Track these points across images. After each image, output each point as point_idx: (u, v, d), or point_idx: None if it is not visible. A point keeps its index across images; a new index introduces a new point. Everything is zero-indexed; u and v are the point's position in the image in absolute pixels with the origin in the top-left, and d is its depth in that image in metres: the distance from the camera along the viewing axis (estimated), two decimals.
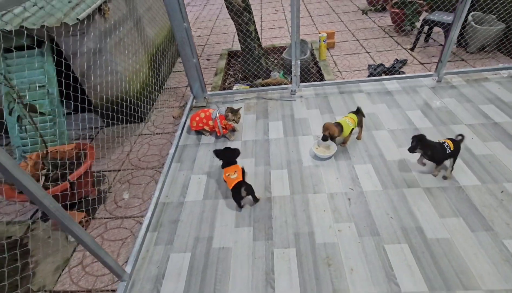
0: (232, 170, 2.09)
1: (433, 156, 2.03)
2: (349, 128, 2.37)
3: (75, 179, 2.17)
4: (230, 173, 2.07)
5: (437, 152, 2.00)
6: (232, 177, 2.04)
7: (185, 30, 2.81)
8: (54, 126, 2.75)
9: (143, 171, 2.75)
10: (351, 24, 5.47)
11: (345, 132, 2.37)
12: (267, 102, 3.22)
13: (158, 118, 3.51)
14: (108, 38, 2.90)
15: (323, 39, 3.91)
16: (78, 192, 2.30)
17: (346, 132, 2.38)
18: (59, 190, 2.08)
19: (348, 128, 2.37)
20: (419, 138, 2.01)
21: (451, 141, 2.01)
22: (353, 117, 2.43)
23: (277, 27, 5.86)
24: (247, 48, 3.60)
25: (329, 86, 3.31)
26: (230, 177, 2.05)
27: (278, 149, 2.57)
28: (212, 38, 5.74)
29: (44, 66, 2.71)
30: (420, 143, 2.00)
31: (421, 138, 2.01)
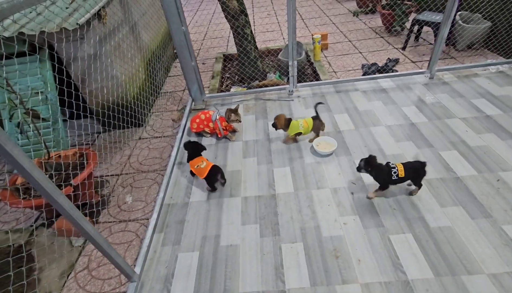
0: (199, 161, 2.23)
1: (377, 177, 1.95)
2: (295, 130, 2.47)
3: (78, 182, 2.16)
4: (198, 164, 2.21)
5: (381, 175, 1.91)
6: (202, 166, 2.18)
7: (183, 34, 2.84)
8: (54, 132, 2.73)
9: (145, 174, 2.75)
10: (343, 26, 5.60)
11: (290, 131, 2.50)
12: (266, 103, 3.27)
13: (157, 122, 3.51)
14: (106, 43, 2.90)
15: (318, 40, 4.00)
16: (81, 196, 2.29)
17: (290, 132, 2.51)
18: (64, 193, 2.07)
19: (294, 129, 2.47)
20: (367, 159, 1.94)
21: (403, 169, 1.85)
22: (308, 122, 2.48)
23: (270, 30, 5.95)
24: (244, 50, 3.65)
25: (326, 85, 3.38)
26: (200, 167, 2.19)
27: (279, 147, 2.61)
28: (206, 43, 5.79)
29: (43, 72, 2.70)
30: (366, 165, 1.94)
31: (368, 160, 1.93)
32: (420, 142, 2.43)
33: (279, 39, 5.46)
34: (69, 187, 2.12)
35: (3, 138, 0.94)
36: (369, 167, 1.94)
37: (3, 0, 0.99)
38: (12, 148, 0.98)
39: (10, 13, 0.99)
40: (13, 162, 1.00)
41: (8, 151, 0.96)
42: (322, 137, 2.54)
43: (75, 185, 2.13)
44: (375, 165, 1.93)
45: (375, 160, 1.94)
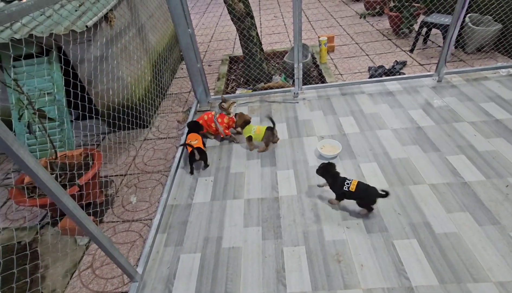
0: (193, 138, 2.50)
1: (331, 186, 1.99)
2: (247, 132, 2.57)
3: (83, 182, 2.19)
4: (191, 140, 2.47)
5: (335, 184, 1.95)
6: (192, 143, 2.43)
7: (189, 36, 2.86)
8: (61, 132, 2.78)
9: (149, 175, 2.77)
10: (350, 28, 5.57)
11: (244, 132, 2.61)
12: (271, 105, 3.27)
13: (162, 123, 3.54)
14: (113, 45, 2.95)
15: (324, 43, 3.98)
16: (86, 196, 2.32)
17: (244, 133, 2.62)
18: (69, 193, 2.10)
19: (247, 132, 2.57)
20: (326, 165, 2.00)
21: (356, 184, 1.85)
22: (261, 130, 2.53)
23: (276, 32, 5.96)
24: (249, 52, 3.66)
25: (331, 88, 3.36)
26: (191, 142, 2.43)
27: (284, 150, 2.60)
28: (212, 45, 5.83)
29: (51, 74, 2.76)
30: (323, 171, 2.01)
31: (325, 167, 2.00)
32: (427, 146, 2.39)
33: (285, 42, 5.46)
34: (74, 187, 2.15)
35: (10, 139, 0.96)
36: (326, 174, 2.00)
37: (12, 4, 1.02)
38: (18, 148, 1.00)
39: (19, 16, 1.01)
40: (19, 161, 1.02)
41: (14, 150, 0.99)
42: (327, 140, 2.53)
43: (80, 184, 2.16)
44: (332, 173, 1.99)
45: (333, 167, 2.00)
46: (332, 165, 2.02)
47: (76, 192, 2.14)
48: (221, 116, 2.73)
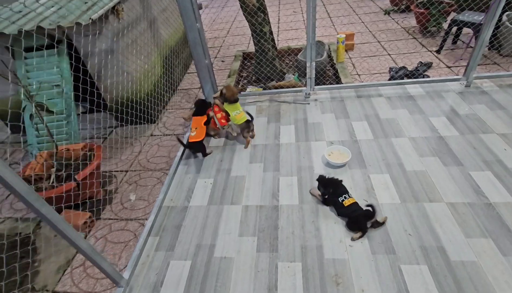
0: (197, 123, 2.46)
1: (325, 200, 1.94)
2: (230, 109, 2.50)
3: (81, 178, 2.16)
4: (192, 128, 2.46)
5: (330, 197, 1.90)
6: (191, 134, 2.42)
7: (197, 31, 2.76)
8: (68, 125, 2.78)
9: (151, 173, 2.72)
10: (372, 25, 5.25)
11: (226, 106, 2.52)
12: (280, 105, 3.11)
13: (169, 119, 3.49)
14: (121, 39, 2.90)
15: (341, 40, 3.75)
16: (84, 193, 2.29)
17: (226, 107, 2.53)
18: (64, 189, 2.08)
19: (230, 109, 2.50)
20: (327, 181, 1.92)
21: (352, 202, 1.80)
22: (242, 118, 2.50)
23: (294, 28, 5.74)
24: (261, 49, 3.51)
25: (346, 89, 3.15)
26: (191, 133, 2.43)
27: (289, 154, 2.45)
28: (228, 40, 5.72)
29: (59, 66, 2.76)
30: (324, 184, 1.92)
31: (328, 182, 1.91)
32: (448, 159, 2.15)
33: (303, 38, 5.24)
34: (70, 183, 2.13)
35: None
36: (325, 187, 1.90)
37: None
38: None
39: None
40: None
41: None
42: (336, 146, 2.35)
43: (78, 180, 2.13)
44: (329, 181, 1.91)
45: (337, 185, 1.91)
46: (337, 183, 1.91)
47: (73, 187, 2.11)
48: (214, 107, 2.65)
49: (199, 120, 2.53)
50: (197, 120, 2.54)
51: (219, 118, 2.63)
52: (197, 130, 2.46)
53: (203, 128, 2.48)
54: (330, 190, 1.88)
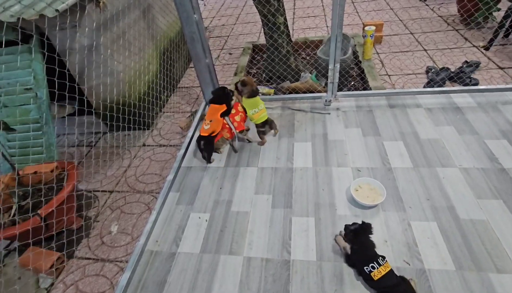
0: (210, 116, 2.07)
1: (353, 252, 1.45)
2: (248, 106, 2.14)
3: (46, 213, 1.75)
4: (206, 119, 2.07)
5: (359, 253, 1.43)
6: (205, 127, 2.04)
7: (195, 24, 2.24)
8: (42, 136, 2.37)
9: (139, 196, 2.30)
10: (404, 13, 4.54)
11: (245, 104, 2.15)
12: (294, 114, 2.60)
13: (166, 125, 3.03)
14: (106, 32, 2.42)
15: (370, 34, 3.14)
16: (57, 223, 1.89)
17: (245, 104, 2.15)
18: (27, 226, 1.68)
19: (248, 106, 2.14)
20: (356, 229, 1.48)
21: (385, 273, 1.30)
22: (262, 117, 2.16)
23: (312, 15, 5.08)
24: (274, 44, 2.96)
25: (375, 97, 2.59)
26: (204, 125, 2.06)
27: (304, 184, 1.97)
28: (237, 28, 5.13)
29: (31, 65, 2.31)
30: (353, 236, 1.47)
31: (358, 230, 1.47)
32: None
33: (322, 28, 4.60)
34: (35, 218, 1.72)
35: None
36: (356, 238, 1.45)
37: None
38: None
39: None
40: None
41: None
42: (365, 178, 1.84)
43: (41, 216, 1.72)
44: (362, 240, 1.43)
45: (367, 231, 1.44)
46: (368, 228, 1.41)
47: (37, 224, 1.71)
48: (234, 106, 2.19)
49: (216, 110, 2.08)
50: (214, 109, 2.10)
51: (239, 121, 2.16)
52: (211, 124, 2.03)
53: (219, 122, 2.06)
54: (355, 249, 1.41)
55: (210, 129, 2.04)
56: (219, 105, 2.12)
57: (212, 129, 2.05)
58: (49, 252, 1.82)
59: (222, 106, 2.10)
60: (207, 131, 2.04)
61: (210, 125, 2.05)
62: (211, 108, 2.11)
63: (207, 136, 2.05)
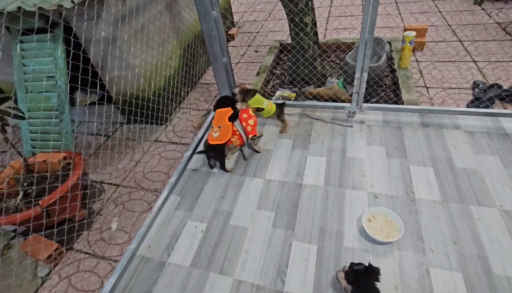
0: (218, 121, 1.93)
1: None
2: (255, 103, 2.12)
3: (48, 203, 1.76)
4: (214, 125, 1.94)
5: None
6: (214, 135, 1.90)
7: (213, 21, 2.12)
8: (60, 124, 2.42)
9: (143, 193, 2.26)
10: (453, 16, 4.06)
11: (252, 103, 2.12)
12: (313, 124, 2.40)
13: (181, 122, 2.98)
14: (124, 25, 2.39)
15: (409, 40, 2.81)
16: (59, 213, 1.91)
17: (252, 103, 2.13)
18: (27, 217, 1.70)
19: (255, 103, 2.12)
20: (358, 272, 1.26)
21: None
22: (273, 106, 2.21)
23: (349, 15, 4.74)
24: (299, 45, 2.75)
25: (407, 112, 2.30)
26: (212, 132, 1.92)
27: (312, 204, 1.78)
28: (267, 25, 4.95)
29: (54, 54, 2.35)
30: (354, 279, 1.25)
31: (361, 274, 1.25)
32: None
33: (357, 28, 4.27)
34: (35, 208, 1.74)
35: None
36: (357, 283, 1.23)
37: None
38: None
39: None
40: None
41: None
42: (382, 208, 1.62)
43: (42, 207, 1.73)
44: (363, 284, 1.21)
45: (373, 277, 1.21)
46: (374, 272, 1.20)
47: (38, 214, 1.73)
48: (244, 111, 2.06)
49: (223, 114, 1.94)
50: (221, 114, 1.95)
51: (253, 125, 2.04)
52: (220, 130, 1.90)
53: (228, 127, 1.92)
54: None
55: (220, 137, 1.90)
56: (225, 108, 1.98)
57: (222, 136, 1.91)
58: (49, 242, 1.84)
59: (228, 110, 1.96)
60: (216, 140, 1.90)
61: (220, 132, 1.91)
62: (218, 114, 1.98)
63: (217, 145, 1.91)
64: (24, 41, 2.43)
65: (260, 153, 2.18)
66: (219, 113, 1.97)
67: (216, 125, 1.93)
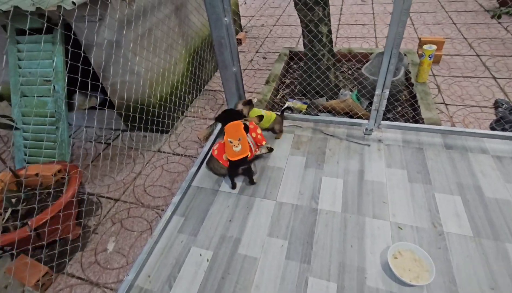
0: (235, 134, 1.76)
1: None
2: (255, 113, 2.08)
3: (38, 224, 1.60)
4: (233, 139, 1.74)
5: None
6: (235, 150, 1.72)
7: (225, 28, 1.97)
8: (56, 131, 2.26)
9: (143, 210, 2.10)
10: (469, 29, 3.93)
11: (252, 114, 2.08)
12: (327, 140, 2.24)
13: (185, 131, 2.83)
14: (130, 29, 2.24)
15: (429, 54, 2.66)
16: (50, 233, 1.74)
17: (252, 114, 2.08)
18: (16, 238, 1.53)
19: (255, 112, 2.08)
20: None
21: None
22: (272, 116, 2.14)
23: (361, 23, 4.61)
24: (313, 55, 2.61)
25: (429, 132, 2.16)
26: (232, 147, 1.73)
27: (329, 234, 1.63)
28: (276, 30, 4.81)
29: (52, 56, 2.20)
30: None
31: None
32: None
33: (370, 38, 4.14)
34: (24, 229, 1.57)
35: None
36: None
37: None
38: None
39: None
40: None
41: None
42: (408, 244, 1.46)
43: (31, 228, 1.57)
44: None
45: None
46: None
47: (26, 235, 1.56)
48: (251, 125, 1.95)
49: (237, 127, 1.81)
50: (236, 126, 1.81)
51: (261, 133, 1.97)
52: (242, 142, 1.76)
53: (246, 139, 1.80)
54: None
55: (243, 150, 1.77)
56: (235, 122, 1.85)
57: (245, 148, 1.78)
58: (37, 265, 1.67)
59: (239, 123, 1.83)
60: (240, 154, 1.76)
61: (241, 144, 1.78)
62: (231, 127, 1.84)
63: (244, 158, 1.77)
64: (20, 42, 2.27)
65: (271, 172, 2.02)
66: (232, 126, 1.83)
67: (235, 138, 1.78)
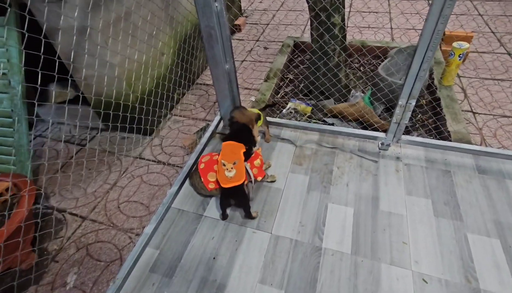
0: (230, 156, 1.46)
1: None
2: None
3: None
4: (226, 162, 1.45)
5: None
6: (228, 175, 1.43)
7: (215, 15, 1.57)
8: (12, 134, 1.90)
9: (114, 233, 1.78)
10: (498, 22, 3.48)
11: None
12: (334, 155, 1.89)
13: (171, 134, 2.46)
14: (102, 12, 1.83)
15: (460, 53, 2.25)
16: None
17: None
18: None
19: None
20: None
21: None
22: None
23: (374, 11, 4.14)
24: (322, 50, 2.21)
25: (458, 152, 1.80)
26: (225, 171, 1.43)
27: (336, 282, 1.30)
28: (279, 16, 4.34)
29: (5, 45, 1.80)
30: None
31: None
32: None
33: (384, 27, 3.69)
34: None
35: None
36: None
37: None
38: None
39: None
40: None
41: None
42: None
43: None
44: None
45: None
46: None
47: None
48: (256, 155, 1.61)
49: (236, 148, 1.50)
50: (234, 147, 1.51)
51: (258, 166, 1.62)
52: (236, 167, 1.44)
53: (243, 164, 1.48)
54: None
55: (237, 176, 1.42)
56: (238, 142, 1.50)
57: (240, 175, 1.43)
58: None
59: (242, 146, 1.48)
60: (233, 180, 1.42)
61: (236, 169, 1.43)
62: (228, 146, 1.49)
63: (238, 187, 1.43)
64: None
65: (267, 193, 1.68)
66: (230, 146, 1.48)
67: (230, 161, 1.43)
